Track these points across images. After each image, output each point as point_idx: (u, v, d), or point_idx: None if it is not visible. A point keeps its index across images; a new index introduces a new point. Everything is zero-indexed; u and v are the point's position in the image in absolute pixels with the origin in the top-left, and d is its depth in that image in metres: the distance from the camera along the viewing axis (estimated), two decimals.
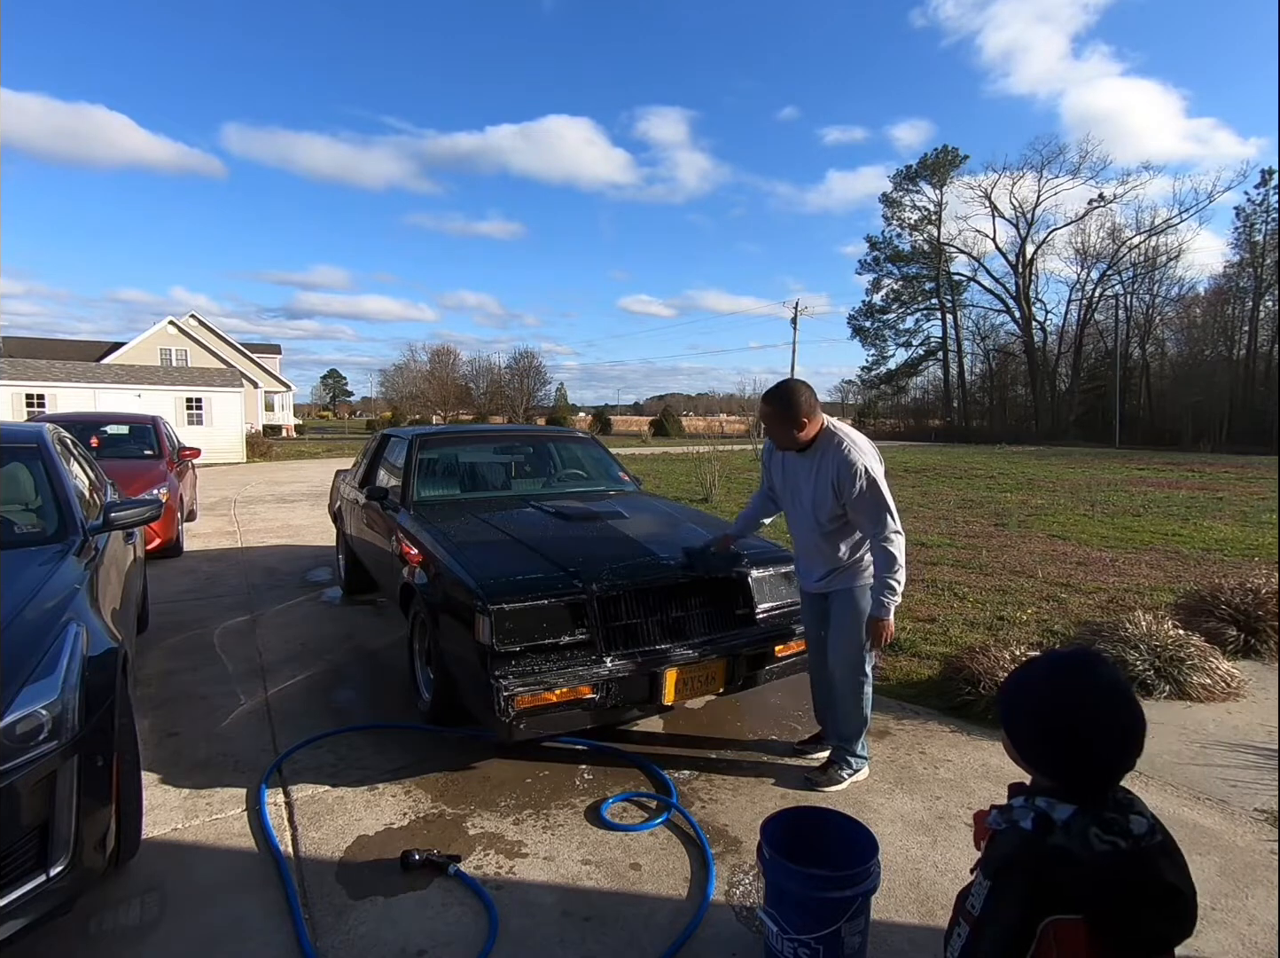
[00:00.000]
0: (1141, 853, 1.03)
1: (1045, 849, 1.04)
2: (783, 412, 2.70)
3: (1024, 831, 1.08)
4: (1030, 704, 1.15)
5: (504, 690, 2.59)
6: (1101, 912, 1.00)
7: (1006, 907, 1.05)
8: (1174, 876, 1.04)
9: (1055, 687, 1.13)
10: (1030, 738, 1.15)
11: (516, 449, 5.30)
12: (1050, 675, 1.16)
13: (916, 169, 46.61)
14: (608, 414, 64.70)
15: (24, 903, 1.74)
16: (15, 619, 2.05)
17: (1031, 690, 1.16)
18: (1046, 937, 1.02)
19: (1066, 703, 1.10)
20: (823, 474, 2.71)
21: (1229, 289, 37.27)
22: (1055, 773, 1.12)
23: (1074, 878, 1.01)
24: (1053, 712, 1.11)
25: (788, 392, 2.71)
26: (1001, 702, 1.23)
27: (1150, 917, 1.01)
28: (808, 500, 2.79)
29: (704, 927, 2.09)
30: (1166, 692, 3.70)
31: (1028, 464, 19.84)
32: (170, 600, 5.49)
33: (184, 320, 37.11)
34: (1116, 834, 1.03)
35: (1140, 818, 1.06)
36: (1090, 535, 8.30)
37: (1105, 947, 1.01)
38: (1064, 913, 1.01)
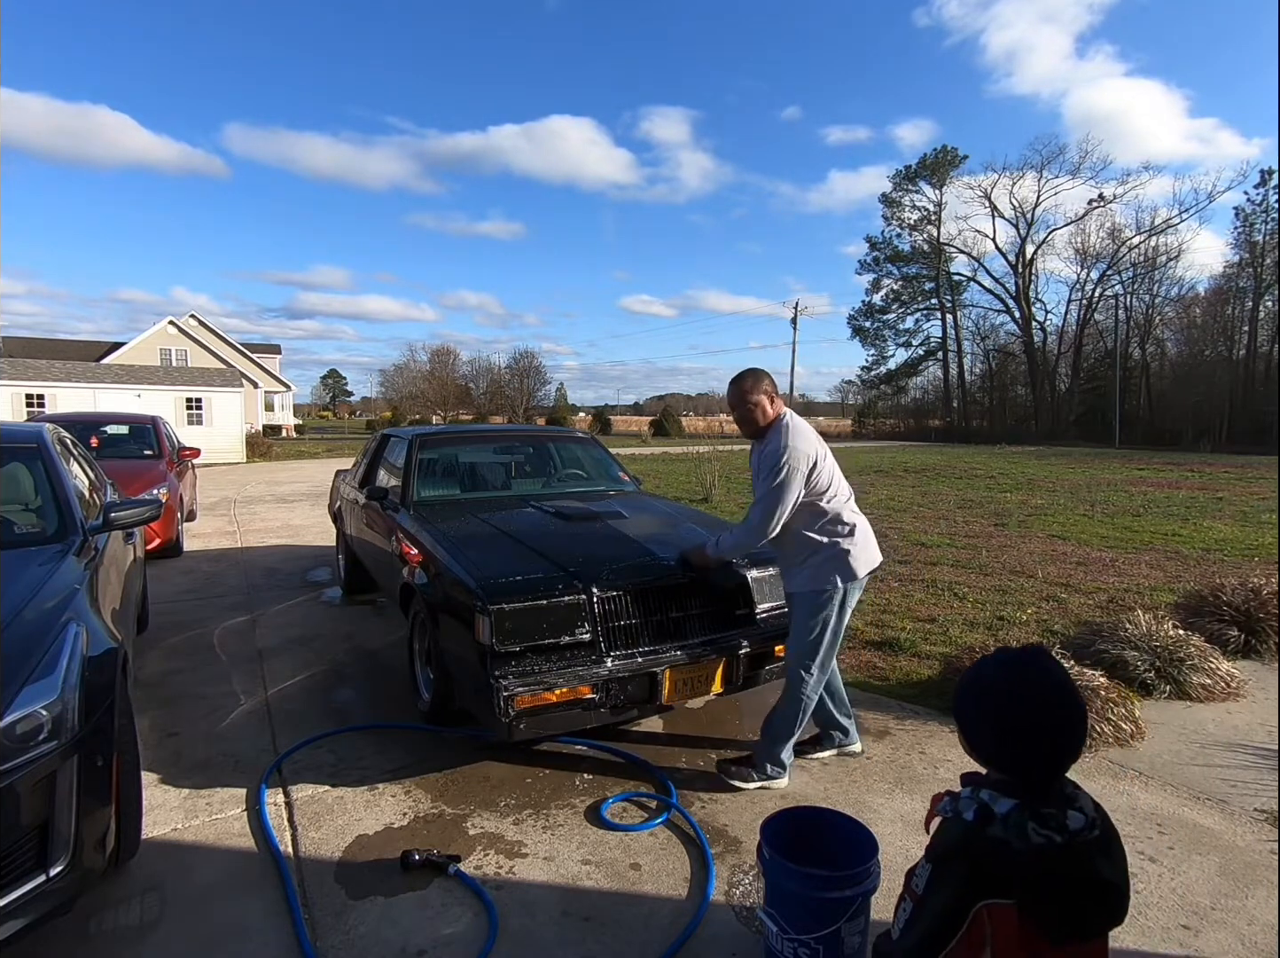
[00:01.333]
0: (1075, 848, 1.09)
1: (984, 840, 1.11)
2: (747, 390, 2.79)
3: (966, 821, 1.15)
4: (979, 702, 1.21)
5: (504, 691, 2.59)
6: (1032, 899, 1.07)
7: (945, 889, 1.13)
8: (1107, 870, 1.10)
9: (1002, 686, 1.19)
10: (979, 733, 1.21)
11: (516, 449, 5.29)
12: (999, 674, 1.21)
13: (916, 169, 46.61)
14: (608, 414, 64.68)
15: (24, 903, 1.74)
16: (15, 619, 2.05)
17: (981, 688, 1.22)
18: (980, 918, 1.10)
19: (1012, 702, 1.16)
20: (765, 463, 2.77)
21: (1229, 289, 37.26)
22: (1001, 767, 1.18)
23: (1008, 868, 1.08)
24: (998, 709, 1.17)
25: (751, 373, 2.84)
26: (955, 698, 1.28)
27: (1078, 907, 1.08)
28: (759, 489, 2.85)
29: (704, 927, 2.09)
30: (1166, 692, 3.71)
31: (1028, 464, 19.84)
32: (170, 600, 5.49)
33: (184, 320, 37.11)
34: (1052, 829, 1.09)
35: (1078, 814, 1.12)
36: (1090, 535, 8.30)
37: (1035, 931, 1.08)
38: (998, 898, 1.09)
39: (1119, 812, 2.69)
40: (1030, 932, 1.08)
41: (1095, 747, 3.15)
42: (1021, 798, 1.13)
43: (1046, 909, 1.08)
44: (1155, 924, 2.11)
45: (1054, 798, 1.14)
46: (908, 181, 47.04)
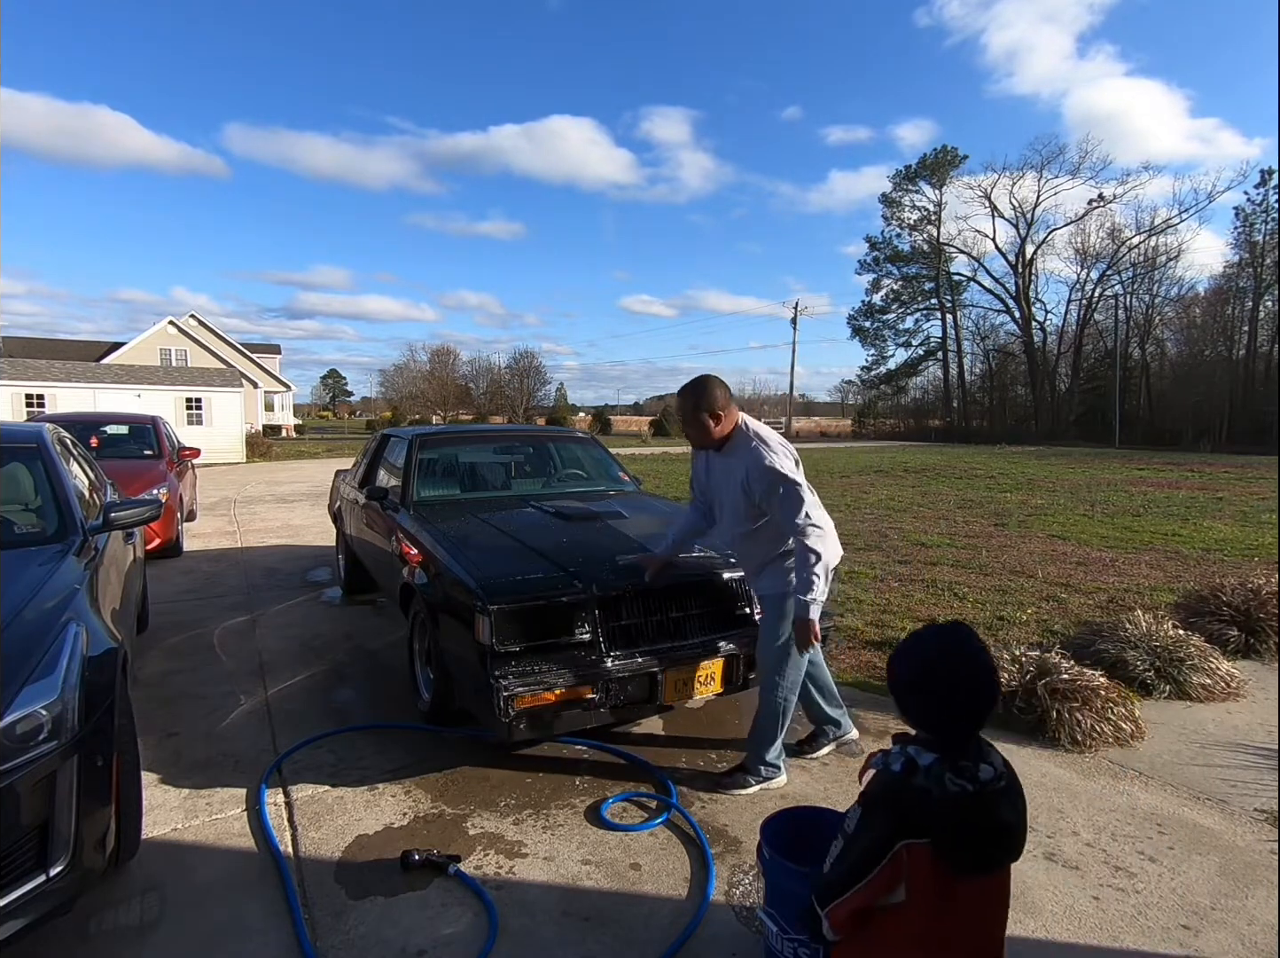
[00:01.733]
0: (983, 795, 1.26)
1: (908, 788, 1.28)
2: (693, 404, 2.69)
3: (894, 772, 1.32)
4: (908, 669, 1.38)
5: (504, 691, 2.59)
6: (945, 839, 1.24)
7: (871, 830, 1.30)
8: (1009, 814, 1.30)
9: (930, 655, 1.37)
10: (908, 697, 1.38)
11: (516, 449, 5.29)
12: (924, 645, 1.39)
13: (916, 169, 46.59)
14: (608, 414, 64.67)
15: (24, 903, 1.74)
16: (15, 619, 2.05)
17: (910, 658, 1.40)
18: (900, 856, 1.25)
19: (934, 669, 1.34)
20: (734, 474, 2.70)
21: (1229, 289, 37.24)
22: (925, 726, 1.35)
23: (926, 812, 1.25)
24: (923, 676, 1.35)
25: (699, 385, 2.72)
26: (889, 668, 1.45)
27: (982, 845, 1.27)
28: (727, 502, 2.78)
29: (704, 927, 2.09)
30: (1166, 692, 3.70)
31: (1027, 464, 19.84)
32: (170, 600, 5.49)
33: (184, 320, 37.11)
34: (965, 779, 1.26)
35: (988, 767, 1.29)
36: (1090, 535, 8.30)
37: (944, 866, 1.25)
38: (916, 838, 1.25)
39: (1119, 812, 2.69)
40: (940, 867, 1.25)
41: (1095, 747, 3.15)
42: (941, 753, 1.29)
43: (956, 847, 1.25)
44: (1155, 924, 2.11)
45: (969, 753, 1.31)
46: (908, 181, 47.04)
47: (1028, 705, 3.32)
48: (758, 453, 2.63)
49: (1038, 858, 2.42)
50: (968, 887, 1.28)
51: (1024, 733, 3.26)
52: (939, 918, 1.28)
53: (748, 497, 2.67)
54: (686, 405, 2.72)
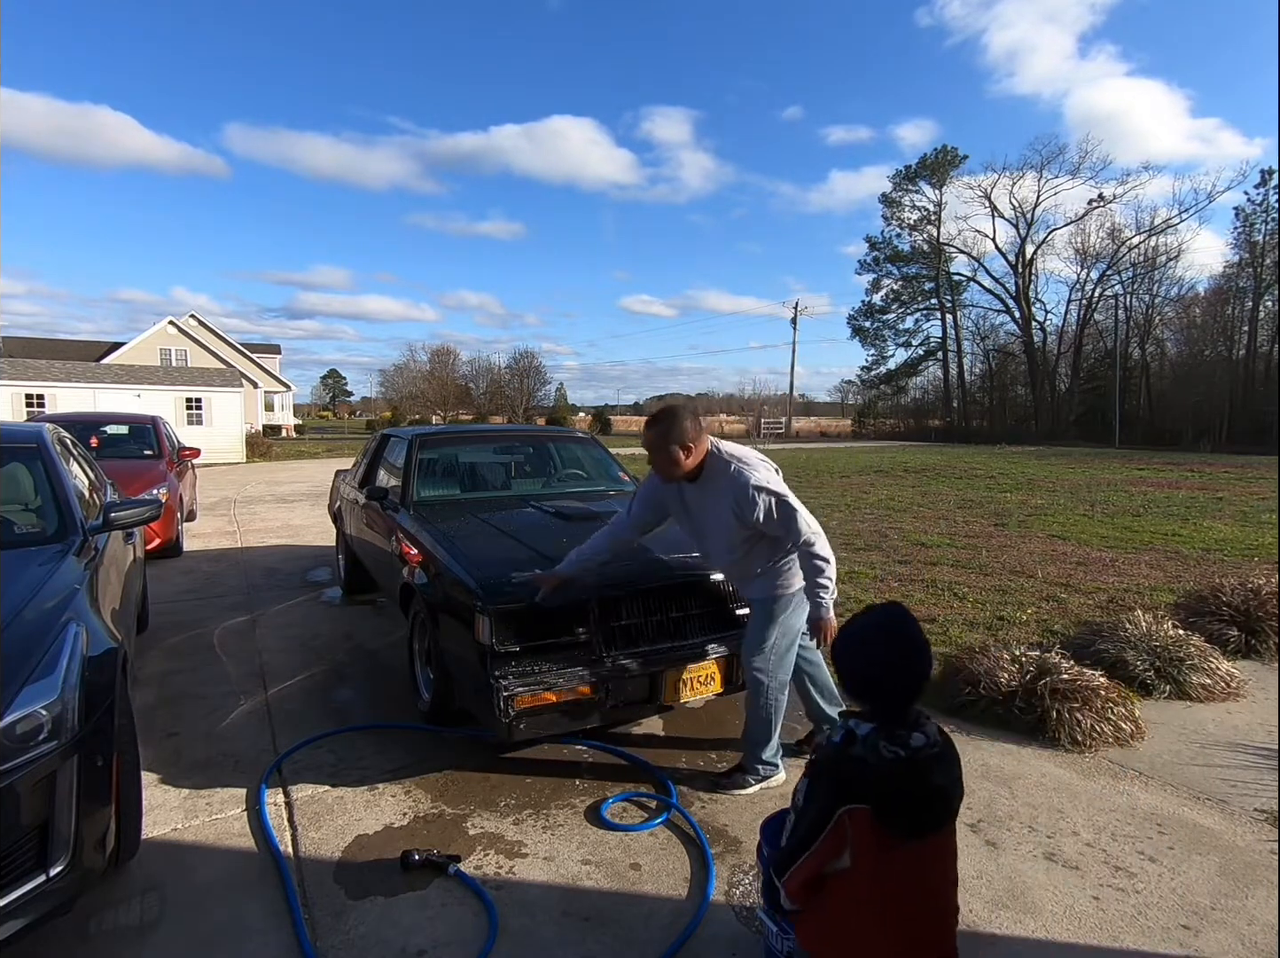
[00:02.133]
0: (916, 761, 1.34)
1: (847, 757, 1.37)
2: (661, 436, 2.57)
3: (834, 743, 1.42)
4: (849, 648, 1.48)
5: (504, 691, 2.59)
6: (881, 802, 1.32)
7: (815, 800, 1.39)
8: (940, 778, 1.37)
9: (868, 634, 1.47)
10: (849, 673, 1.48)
11: (516, 449, 5.29)
12: (864, 625, 1.48)
13: (916, 169, 46.54)
14: (608, 414, 64.65)
15: (24, 903, 1.74)
16: (15, 619, 2.05)
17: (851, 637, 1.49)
18: (843, 822, 1.34)
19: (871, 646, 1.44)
20: (720, 501, 2.60)
21: (1229, 289, 37.20)
22: (863, 699, 1.44)
23: (863, 778, 1.34)
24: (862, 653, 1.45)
25: (668, 416, 2.60)
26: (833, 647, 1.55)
27: (916, 807, 1.34)
28: (715, 532, 2.70)
29: (704, 927, 2.09)
30: (1166, 692, 3.70)
31: (1027, 464, 19.84)
32: (170, 600, 5.49)
33: (184, 320, 37.11)
34: (899, 746, 1.35)
35: (920, 735, 1.38)
36: (1090, 535, 8.30)
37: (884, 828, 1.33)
38: (856, 803, 1.33)
39: (1119, 812, 2.69)
40: (880, 831, 1.33)
41: (1095, 747, 3.15)
42: (878, 724, 1.38)
43: (892, 811, 1.33)
44: (1155, 924, 2.11)
45: (905, 723, 1.39)
46: (908, 182, 47.00)
47: (1028, 706, 3.32)
48: (742, 475, 2.54)
49: (1038, 858, 2.42)
50: (907, 850, 1.35)
51: (1024, 733, 3.26)
52: (882, 881, 1.35)
53: (741, 521, 2.58)
54: (655, 437, 2.59)
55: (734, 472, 2.57)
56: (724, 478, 2.59)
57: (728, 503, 2.58)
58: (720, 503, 2.61)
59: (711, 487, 2.63)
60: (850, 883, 1.36)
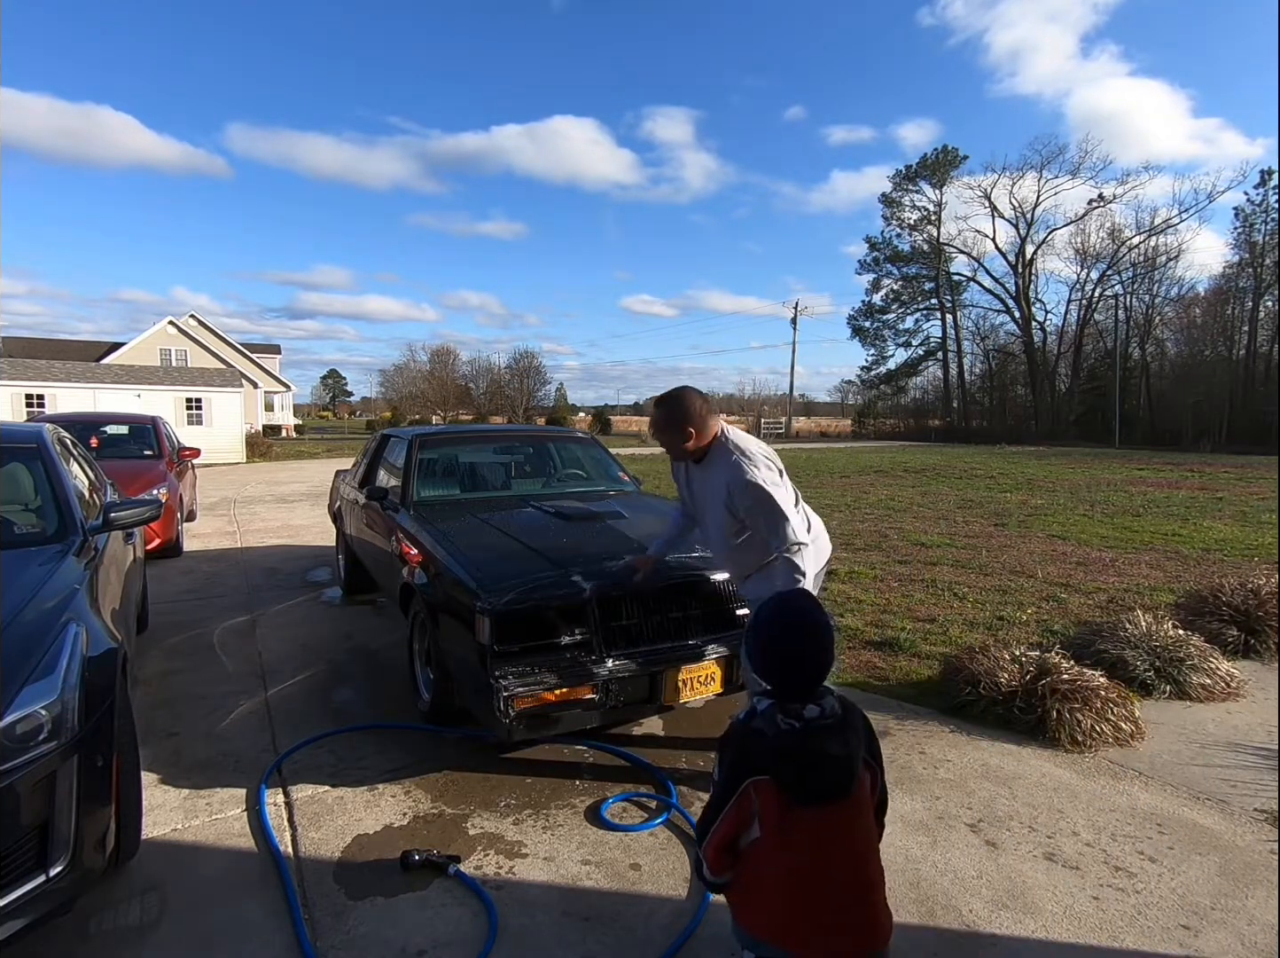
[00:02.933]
0: (809, 731, 1.42)
1: (747, 731, 1.47)
2: (669, 417, 2.62)
3: (739, 719, 1.52)
4: (756, 632, 1.56)
5: (504, 691, 2.59)
6: (778, 770, 1.40)
7: (723, 770, 1.48)
8: (834, 747, 1.42)
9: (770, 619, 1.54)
10: (754, 654, 1.55)
11: (516, 449, 5.29)
12: (768, 611, 1.56)
13: (916, 169, 46.57)
14: (608, 414, 64.59)
15: (24, 903, 1.74)
16: (15, 619, 2.05)
17: (757, 621, 1.58)
18: (748, 793, 1.42)
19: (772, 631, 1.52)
20: (717, 488, 2.59)
21: (1229, 289, 37.22)
22: (770, 682, 1.51)
23: (760, 749, 1.42)
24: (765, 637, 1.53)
25: (676, 398, 2.63)
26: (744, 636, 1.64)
27: (807, 773, 1.40)
28: (711, 516, 2.69)
29: (704, 927, 2.09)
30: (1167, 692, 3.70)
31: (1027, 464, 19.84)
32: (170, 600, 5.49)
33: (184, 320, 37.11)
34: (793, 718, 1.43)
35: (814, 707, 1.46)
36: (1090, 535, 8.30)
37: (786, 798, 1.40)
38: (758, 775, 1.41)
39: (1119, 812, 2.69)
40: (783, 800, 1.40)
41: (1095, 747, 3.15)
42: (775, 699, 1.48)
43: (787, 777, 1.40)
44: (1155, 924, 2.11)
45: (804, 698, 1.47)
46: (908, 182, 47.02)
47: (1028, 706, 3.32)
48: (739, 467, 2.51)
49: (1038, 858, 2.42)
50: (810, 818, 1.41)
51: (1024, 733, 3.26)
52: (788, 850, 1.42)
53: (731, 512, 2.57)
54: (661, 416, 2.64)
55: (733, 462, 2.54)
56: (724, 466, 2.57)
57: (721, 492, 2.57)
58: (717, 490, 2.60)
59: (712, 471, 2.62)
60: (761, 852, 1.44)
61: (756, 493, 2.47)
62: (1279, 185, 35.54)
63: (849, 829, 1.46)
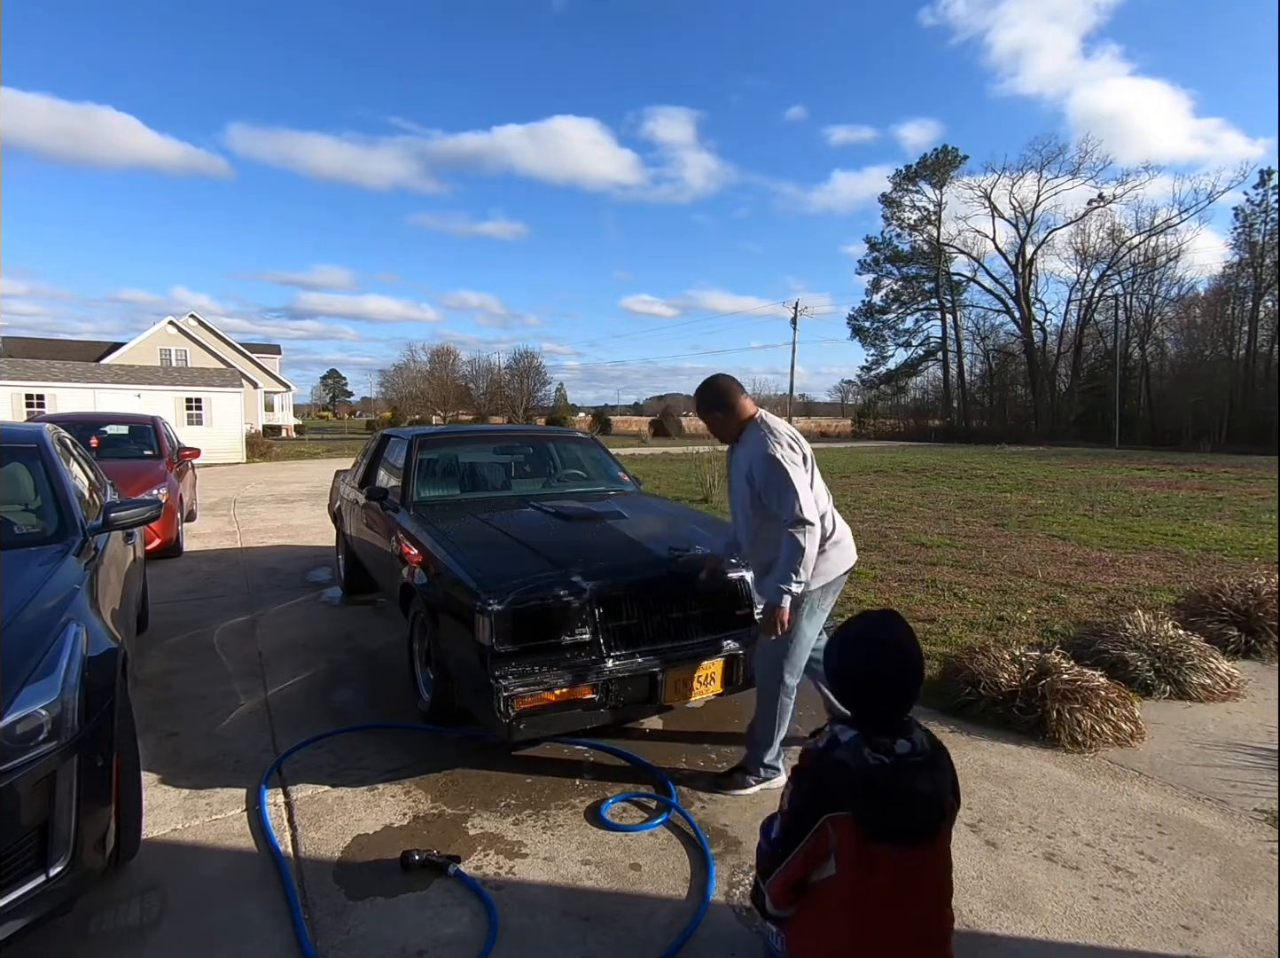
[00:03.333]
0: (900, 767, 1.34)
1: (828, 761, 1.38)
2: (702, 398, 2.85)
3: (817, 748, 1.43)
4: (839, 655, 1.47)
5: (504, 691, 2.59)
6: (862, 807, 1.32)
7: (797, 801, 1.40)
8: (924, 785, 1.35)
9: (849, 645, 1.46)
10: (837, 679, 1.47)
11: (516, 449, 5.29)
12: (855, 633, 1.47)
13: (916, 169, 46.59)
14: (607, 414, 64.66)
15: (24, 903, 1.74)
16: (15, 619, 2.05)
17: (841, 644, 1.48)
18: (825, 829, 1.34)
19: (859, 656, 1.43)
20: (741, 463, 2.74)
21: (1229, 289, 37.23)
22: (851, 706, 1.44)
23: (843, 783, 1.34)
24: (851, 662, 1.44)
25: (707, 382, 2.87)
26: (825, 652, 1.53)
27: (899, 813, 1.32)
28: (736, 495, 2.82)
29: (704, 927, 2.09)
30: (1167, 692, 3.70)
31: (1027, 464, 19.84)
32: (170, 600, 5.49)
33: (184, 320, 37.10)
34: (883, 753, 1.35)
35: (905, 742, 1.38)
36: (1090, 535, 8.30)
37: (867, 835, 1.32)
38: (838, 810, 1.33)
39: (1119, 812, 2.69)
40: (864, 838, 1.32)
41: (1095, 747, 3.15)
42: (862, 729, 1.39)
43: (873, 815, 1.32)
44: (1155, 924, 2.11)
45: (892, 731, 1.39)
46: (908, 182, 47.04)
47: (1028, 706, 3.31)
48: (763, 441, 2.65)
49: (1038, 858, 2.42)
50: (893, 857, 1.33)
51: (1024, 733, 3.26)
52: (867, 890, 1.34)
53: (751, 487, 2.68)
54: (698, 398, 2.88)
55: (759, 437, 2.69)
56: (752, 443, 2.71)
57: (745, 467, 2.71)
58: (741, 466, 2.75)
59: (742, 450, 2.77)
60: (835, 891, 1.36)
61: (773, 464, 2.59)
62: (1279, 185, 35.57)
63: (931, 868, 1.39)
